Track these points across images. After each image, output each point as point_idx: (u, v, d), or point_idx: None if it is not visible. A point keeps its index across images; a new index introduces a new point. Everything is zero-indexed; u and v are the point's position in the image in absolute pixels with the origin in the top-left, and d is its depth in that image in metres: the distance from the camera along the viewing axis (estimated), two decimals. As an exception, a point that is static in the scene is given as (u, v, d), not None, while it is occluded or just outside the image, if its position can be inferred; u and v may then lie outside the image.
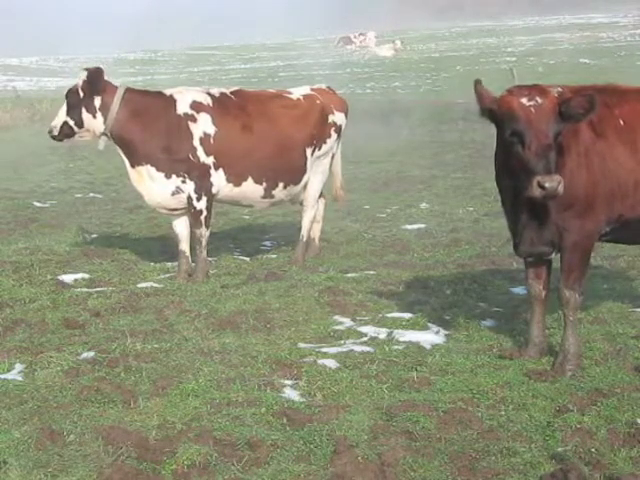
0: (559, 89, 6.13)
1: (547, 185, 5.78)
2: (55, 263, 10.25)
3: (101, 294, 8.85)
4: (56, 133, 9.43)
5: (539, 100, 5.94)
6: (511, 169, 6.11)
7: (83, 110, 9.26)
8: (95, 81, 9.25)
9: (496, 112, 6.05)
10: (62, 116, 9.38)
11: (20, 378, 6.57)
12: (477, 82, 6.15)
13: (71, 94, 9.31)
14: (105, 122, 9.25)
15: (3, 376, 6.59)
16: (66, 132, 9.41)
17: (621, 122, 6.42)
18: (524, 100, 5.94)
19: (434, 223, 12.28)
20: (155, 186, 9.37)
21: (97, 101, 9.23)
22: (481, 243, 10.80)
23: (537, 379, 6.32)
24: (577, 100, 6.01)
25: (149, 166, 9.31)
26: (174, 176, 9.35)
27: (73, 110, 9.30)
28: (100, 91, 9.24)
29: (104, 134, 9.37)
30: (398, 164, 18.59)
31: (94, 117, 9.25)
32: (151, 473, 5.13)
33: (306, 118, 9.94)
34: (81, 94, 9.25)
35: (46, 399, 6.14)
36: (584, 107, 6.00)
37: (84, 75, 9.30)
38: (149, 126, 9.27)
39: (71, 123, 9.34)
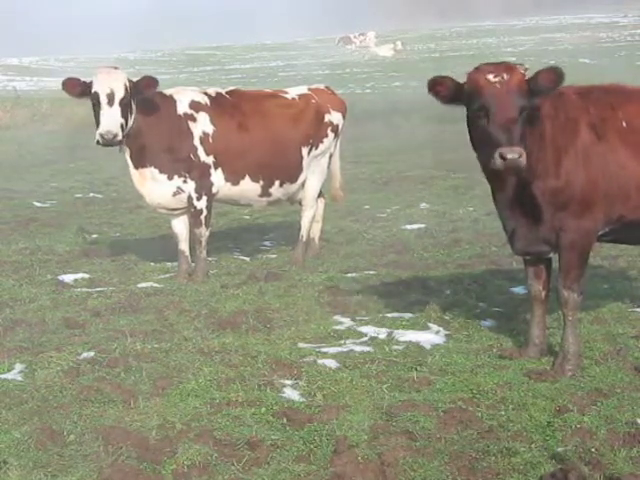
0: (526, 66, 6.21)
1: (508, 156, 5.81)
2: (55, 263, 10.27)
3: (101, 294, 8.86)
4: (121, 137, 8.85)
5: (505, 76, 6.01)
6: (477, 145, 6.17)
7: (128, 112, 8.94)
8: (148, 89, 8.99)
9: (464, 90, 6.13)
10: (118, 118, 8.82)
11: (20, 378, 6.57)
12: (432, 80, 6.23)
13: (125, 96, 8.84)
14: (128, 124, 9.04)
15: (3, 376, 6.60)
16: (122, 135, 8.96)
17: (624, 124, 6.40)
18: (490, 76, 6.01)
19: (434, 223, 12.27)
20: (157, 187, 9.36)
21: (133, 103, 9.01)
22: (481, 243, 10.80)
23: (537, 379, 6.32)
24: (544, 75, 6.08)
25: (153, 168, 9.29)
26: (176, 176, 9.35)
27: (124, 112, 8.88)
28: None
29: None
30: (398, 164, 18.59)
31: (131, 118, 9.00)
32: (151, 473, 5.13)
33: (301, 117, 9.97)
34: (127, 96, 8.89)
35: (46, 399, 6.14)
36: (551, 80, 6.08)
37: (122, 76, 8.92)
38: (155, 127, 9.21)
39: (124, 125, 8.89)
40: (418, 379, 6.39)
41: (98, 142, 8.88)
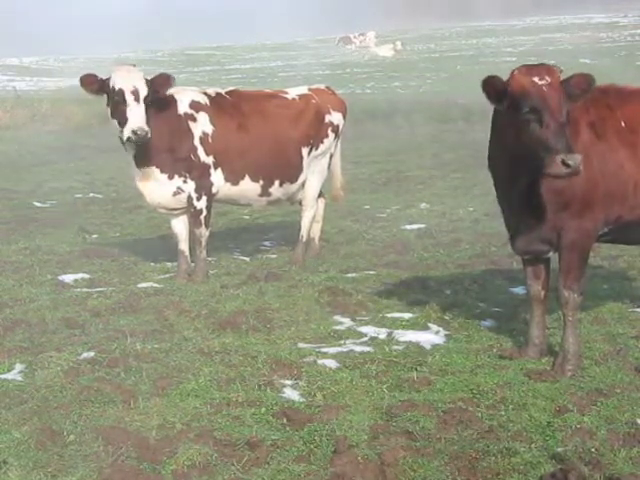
0: (561, 68, 6.16)
1: (571, 163, 5.73)
2: (55, 263, 10.27)
3: (101, 294, 8.85)
4: (150, 135, 8.79)
5: (548, 78, 5.96)
6: (523, 149, 5.97)
7: (147, 110, 8.88)
8: (164, 87, 8.99)
9: (508, 91, 6.01)
10: (144, 115, 8.78)
11: (20, 378, 6.57)
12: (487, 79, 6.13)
13: (148, 93, 8.81)
14: None
15: (3, 376, 6.60)
16: None
17: (622, 124, 6.43)
18: (536, 78, 5.95)
19: (434, 223, 12.28)
20: (158, 186, 9.36)
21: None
22: (481, 243, 10.80)
23: (537, 379, 6.33)
24: (576, 79, 6.06)
25: (154, 167, 9.28)
26: (176, 176, 9.35)
27: (147, 110, 8.84)
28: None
29: None
30: (398, 164, 18.60)
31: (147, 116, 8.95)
32: (151, 473, 5.14)
33: (301, 117, 9.98)
34: (150, 94, 8.84)
35: (46, 399, 6.14)
36: (582, 87, 6.06)
37: (141, 74, 8.89)
38: (156, 126, 9.20)
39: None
40: (418, 379, 6.39)
41: (129, 139, 8.78)
